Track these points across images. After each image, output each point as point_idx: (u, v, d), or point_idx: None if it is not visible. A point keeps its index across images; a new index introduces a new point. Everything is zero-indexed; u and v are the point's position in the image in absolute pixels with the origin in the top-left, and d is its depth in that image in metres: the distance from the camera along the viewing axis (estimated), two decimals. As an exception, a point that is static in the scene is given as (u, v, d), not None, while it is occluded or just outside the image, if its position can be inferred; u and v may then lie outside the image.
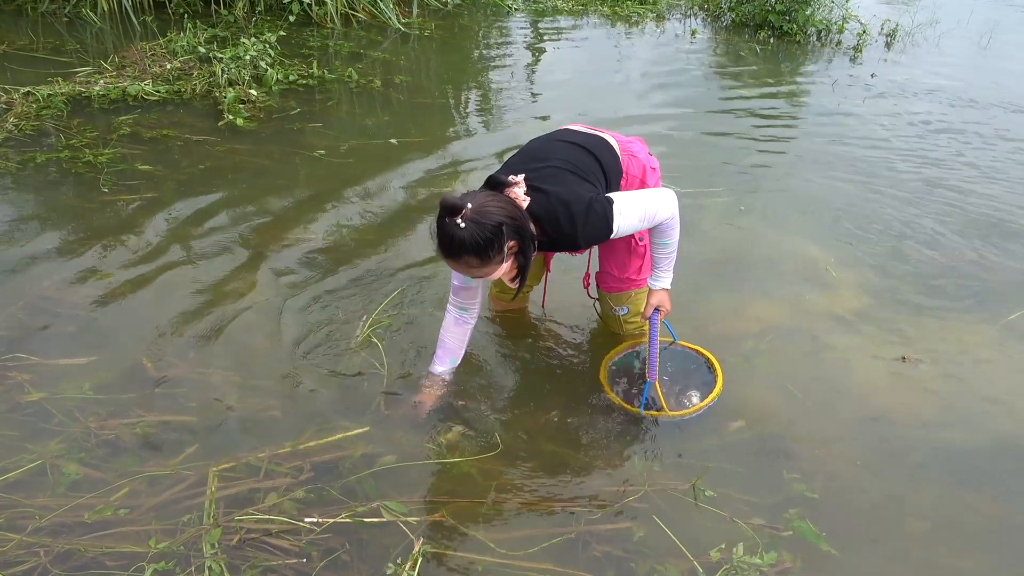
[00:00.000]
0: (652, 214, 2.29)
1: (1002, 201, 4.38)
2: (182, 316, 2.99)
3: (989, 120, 5.77)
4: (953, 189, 4.51)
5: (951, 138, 5.35)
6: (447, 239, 2.03)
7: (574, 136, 2.44)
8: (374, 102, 5.37)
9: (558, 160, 2.29)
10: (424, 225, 3.75)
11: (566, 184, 2.23)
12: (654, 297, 2.55)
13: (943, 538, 2.28)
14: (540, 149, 2.37)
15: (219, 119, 4.75)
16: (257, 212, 3.79)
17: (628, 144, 2.51)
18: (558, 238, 2.25)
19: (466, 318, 2.53)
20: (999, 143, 5.31)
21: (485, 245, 2.01)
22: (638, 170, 2.49)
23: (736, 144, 5.10)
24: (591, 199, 2.21)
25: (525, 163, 2.29)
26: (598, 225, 2.21)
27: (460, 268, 2.13)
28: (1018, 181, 4.67)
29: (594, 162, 2.35)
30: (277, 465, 2.37)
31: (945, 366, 2.97)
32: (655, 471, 2.39)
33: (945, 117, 5.80)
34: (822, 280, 3.49)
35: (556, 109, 5.49)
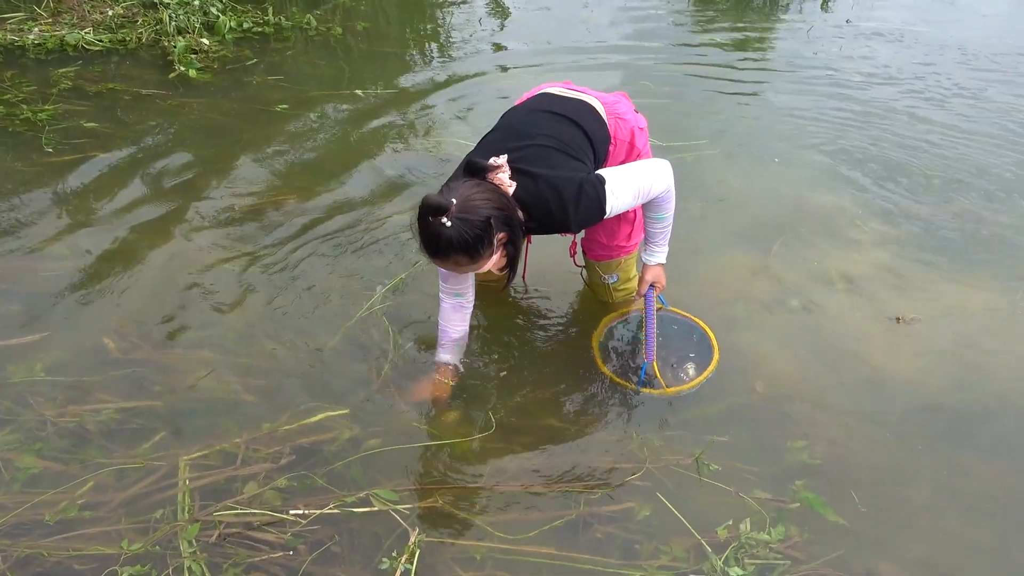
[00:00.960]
0: (647, 190, 2.14)
1: (976, 154, 4.32)
2: (144, 290, 2.78)
3: (963, 64, 5.69)
4: (932, 139, 4.43)
5: (929, 84, 5.26)
6: (433, 239, 1.86)
7: (556, 104, 2.24)
8: (334, 51, 5.07)
9: (542, 137, 2.10)
10: (401, 184, 3.56)
11: (554, 165, 2.05)
12: (649, 273, 2.42)
13: (947, 505, 2.24)
14: (522, 124, 2.17)
15: (169, 71, 4.43)
16: (219, 173, 3.54)
17: (614, 105, 2.32)
18: (548, 223, 2.09)
19: (462, 303, 2.36)
20: (979, 89, 5.23)
21: (474, 242, 1.85)
22: (626, 133, 2.32)
23: (711, 94, 4.93)
24: (582, 181, 2.04)
25: (507, 141, 2.09)
26: (590, 208, 2.05)
27: (448, 267, 1.98)
28: (990, 134, 4.61)
29: (580, 134, 2.17)
30: (255, 451, 2.22)
31: (939, 326, 2.92)
32: (656, 446, 2.29)
33: (919, 62, 5.70)
34: (811, 238, 3.40)
35: (522, 53, 5.25)
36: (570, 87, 2.34)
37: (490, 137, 2.17)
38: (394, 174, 3.66)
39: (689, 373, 2.52)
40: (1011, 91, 5.16)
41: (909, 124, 4.61)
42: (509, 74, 4.93)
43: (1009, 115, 4.78)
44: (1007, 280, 3.18)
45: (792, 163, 4.08)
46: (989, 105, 4.94)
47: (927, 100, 5.00)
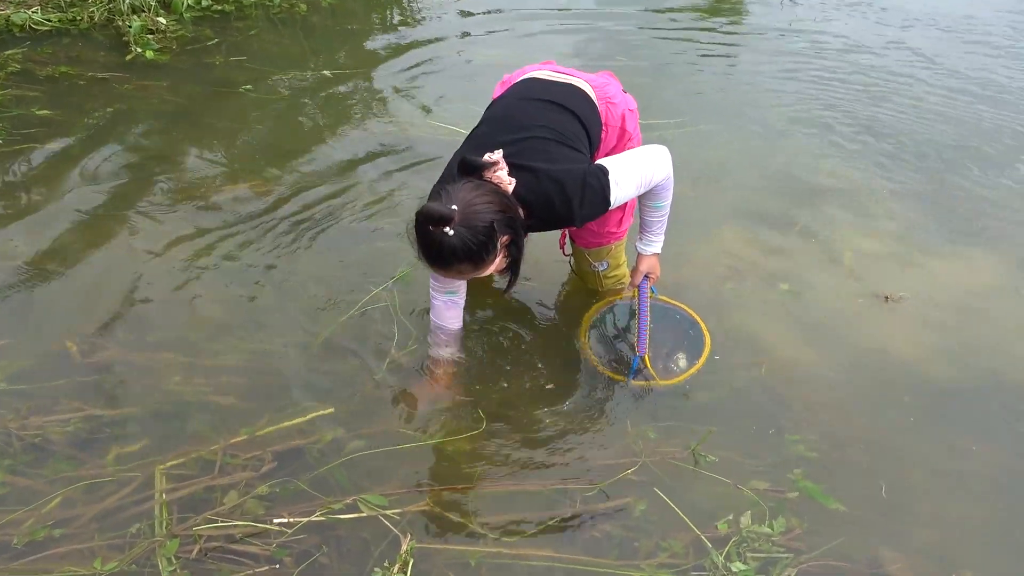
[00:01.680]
0: (649, 179, 2.05)
1: (959, 122, 4.30)
2: (108, 288, 2.63)
3: (937, 29, 5.66)
4: (910, 107, 4.40)
5: (905, 52, 5.22)
6: (434, 249, 1.75)
7: (545, 90, 2.12)
8: (300, 29, 4.87)
9: (537, 128, 1.99)
10: (375, 168, 3.43)
11: (553, 158, 1.95)
12: (644, 263, 2.34)
13: (946, 487, 2.22)
14: (512, 115, 2.05)
15: (125, 52, 4.22)
16: (184, 161, 3.38)
17: (604, 88, 2.22)
18: (550, 220, 1.99)
19: (455, 300, 2.25)
20: (957, 56, 5.20)
21: (479, 250, 1.75)
22: (617, 118, 2.22)
23: (687, 66, 4.84)
24: (585, 173, 1.94)
25: (499, 134, 1.97)
26: (595, 201, 1.95)
27: (451, 276, 1.89)
28: (969, 101, 4.60)
29: (574, 121, 2.06)
30: (233, 457, 2.12)
31: (928, 303, 2.89)
32: (651, 439, 2.23)
33: (896, 28, 5.66)
34: (797, 215, 3.35)
35: (491, 28, 5.10)
36: (555, 69, 2.23)
37: (480, 131, 2.06)
38: (366, 157, 3.52)
39: (680, 364, 2.46)
40: (991, 58, 5.14)
41: (889, 92, 4.58)
42: (480, 49, 4.79)
43: (984, 83, 4.77)
44: (998, 255, 3.17)
45: (774, 136, 4.02)
46: (968, 71, 4.92)
47: (904, 68, 4.97)
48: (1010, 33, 5.75)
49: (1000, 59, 5.22)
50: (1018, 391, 2.54)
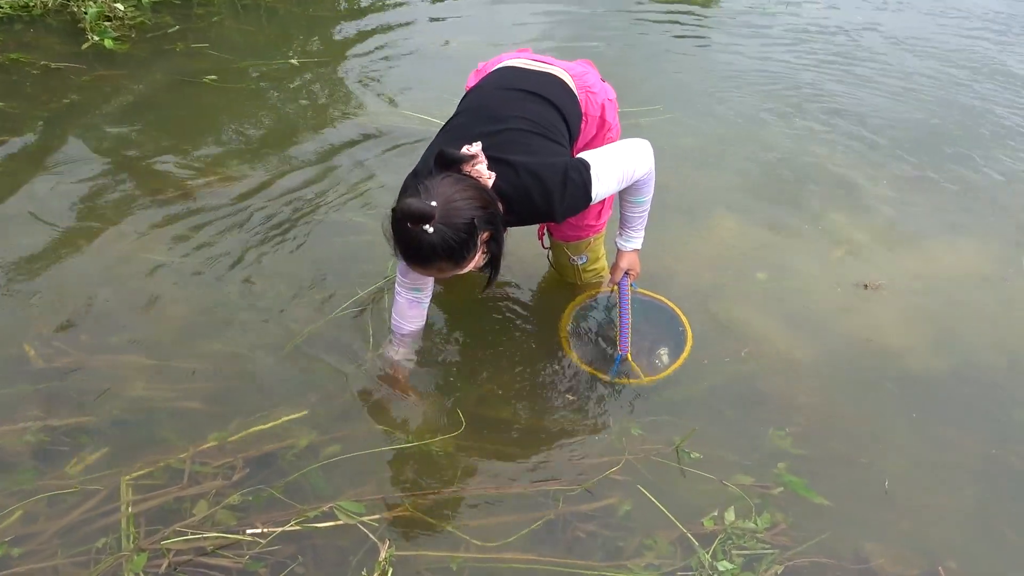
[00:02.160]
0: (631, 173, 1.99)
1: (941, 114, 4.31)
2: (66, 289, 2.52)
3: (923, 18, 5.67)
4: (886, 91, 4.40)
5: (877, 34, 5.22)
6: (414, 247, 1.68)
7: (523, 80, 2.05)
8: (264, 16, 4.73)
9: (516, 119, 1.92)
10: (344, 160, 3.34)
11: (533, 151, 1.88)
12: (624, 260, 2.28)
13: (926, 477, 2.21)
14: (490, 106, 1.98)
15: (81, 40, 4.06)
16: (145, 154, 3.25)
17: (583, 77, 2.15)
18: (530, 215, 1.93)
19: (420, 298, 2.19)
20: (943, 44, 5.21)
21: (460, 247, 1.68)
22: (596, 108, 2.16)
23: (660, 52, 4.79)
24: (566, 167, 1.87)
25: (476, 126, 1.90)
26: (576, 195, 1.89)
27: (430, 273, 1.84)
28: (936, 84, 4.61)
29: (554, 113, 2.00)
30: (203, 465, 2.04)
31: (907, 291, 2.88)
32: (634, 436, 2.19)
33: (872, 9, 5.65)
34: (776, 203, 3.32)
35: (462, 12, 5.02)
36: (531, 57, 2.16)
37: (457, 122, 1.98)
38: (336, 148, 3.43)
39: (663, 359, 2.42)
40: (971, 39, 5.16)
41: (865, 76, 4.57)
42: (451, 35, 4.69)
43: (964, 65, 4.78)
44: (978, 244, 3.18)
45: (751, 122, 3.99)
46: (949, 54, 4.94)
47: (881, 51, 4.97)
48: (988, 12, 5.77)
49: (981, 41, 5.24)
50: (996, 379, 2.54)
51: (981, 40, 5.30)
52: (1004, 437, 2.33)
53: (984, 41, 5.27)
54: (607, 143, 2.22)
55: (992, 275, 3.01)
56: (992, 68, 4.82)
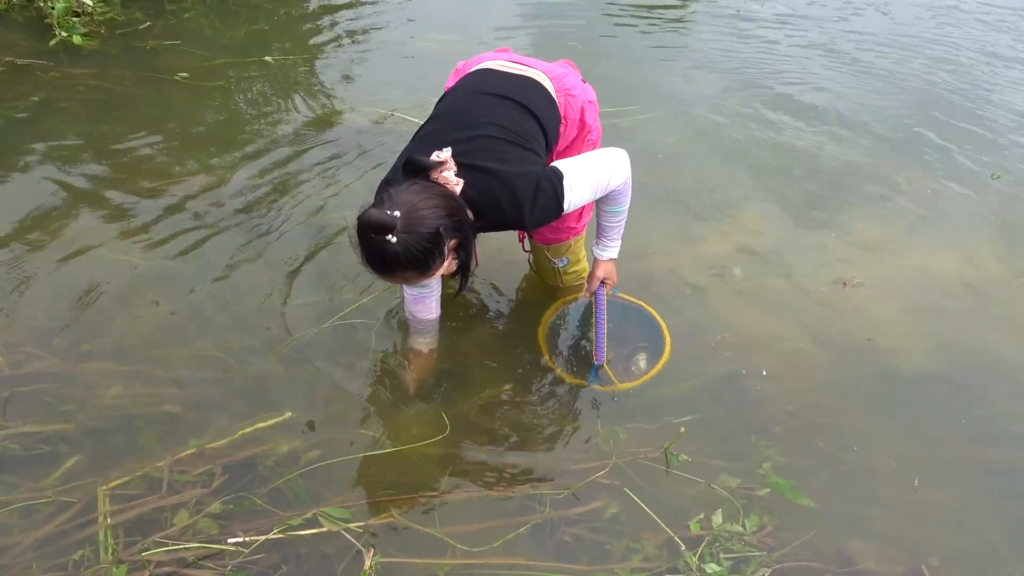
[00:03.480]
0: (605, 183, 1.97)
1: (918, 113, 4.37)
2: (37, 294, 2.45)
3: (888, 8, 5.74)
4: (861, 88, 4.44)
5: (853, 30, 5.27)
6: (377, 257, 1.67)
7: (500, 84, 2.02)
8: (238, 13, 4.64)
9: (489, 126, 1.89)
10: (320, 159, 3.29)
11: (504, 158, 1.85)
12: (600, 269, 2.26)
13: (908, 474, 2.23)
14: (464, 112, 1.95)
15: (49, 36, 3.95)
16: (115, 154, 3.18)
17: (562, 79, 2.13)
18: (500, 223, 1.91)
19: (425, 293, 2.18)
20: (921, 44, 5.27)
21: (424, 256, 1.66)
22: (576, 111, 2.14)
23: (638, 52, 4.80)
24: (538, 177, 1.85)
25: (449, 132, 1.88)
26: (547, 206, 1.86)
27: (396, 282, 1.85)
28: (915, 79, 4.67)
29: (530, 119, 1.97)
30: (182, 473, 1.99)
31: (885, 289, 2.91)
32: (620, 440, 2.18)
33: (843, 20, 5.71)
34: (755, 201, 3.34)
35: (439, 11, 4.98)
36: (510, 57, 2.13)
37: (430, 128, 1.95)
38: (312, 148, 3.38)
39: (641, 365, 2.42)
40: (952, 39, 5.22)
41: (842, 74, 4.61)
42: (427, 34, 4.64)
43: (945, 64, 4.84)
44: (956, 244, 3.22)
45: (729, 121, 4.01)
46: (920, 54, 5.00)
47: (856, 50, 5.02)
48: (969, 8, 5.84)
49: (963, 39, 5.30)
50: (974, 376, 2.58)
51: (963, 40, 5.37)
52: (985, 435, 2.37)
53: (967, 44, 5.35)
54: (587, 145, 2.21)
55: (973, 276, 3.05)
56: (980, 68, 4.90)
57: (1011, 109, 4.37)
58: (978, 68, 4.87)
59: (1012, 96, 4.59)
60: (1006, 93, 4.60)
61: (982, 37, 5.31)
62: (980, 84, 4.67)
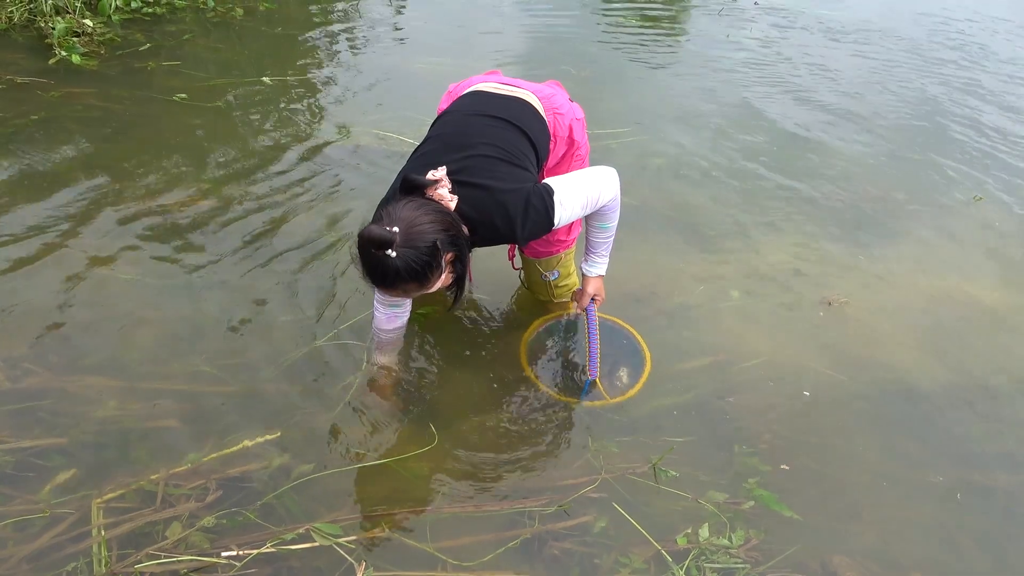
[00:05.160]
0: (595, 199, 2.03)
1: (904, 138, 4.46)
2: (34, 309, 2.48)
3: (866, 44, 5.86)
4: (844, 119, 4.54)
5: (832, 62, 5.39)
6: (378, 272, 1.73)
7: (491, 105, 2.09)
8: (236, 34, 4.73)
9: (482, 146, 1.96)
10: (316, 178, 3.34)
11: (498, 175, 1.92)
12: (590, 285, 2.32)
13: (888, 489, 2.27)
14: (457, 133, 2.02)
15: (48, 56, 4.02)
16: (113, 172, 3.22)
17: (551, 99, 2.20)
18: (493, 237, 1.97)
19: (398, 313, 2.22)
20: (903, 72, 5.39)
21: (423, 269, 1.73)
22: (564, 129, 2.21)
23: (630, 77, 4.90)
24: (529, 193, 1.92)
25: (443, 153, 1.94)
26: (538, 221, 1.93)
27: (396, 295, 1.89)
28: (896, 112, 4.77)
29: (522, 138, 2.04)
30: (176, 487, 2.01)
31: (866, 307, 2.97)
32: (609, 454, 2.21)
33: (824, 42, 5.83)
34: (741, 223, 3.41)
35: (432, 36, 5.07)
36: (500, 80, 2.20)
37: (425, 149, 2.02)
38: (308, 168, 3.44)
39: (623, 379, 2.46)
40: (937, 73, 5.35)
41: (825, 98, 4.71)
42: (420, 56, 4.75)
43: (928, 97, 4.94)
44: (938, 264, 3.28)
45: (717, 143, 4.09)
46: (911, 79, 5.11)
47: (839, 75, 5.12)
48: (951, 42, 5.99)
49: (947, 75, 5.43)
50: (956, 394, 2.63)
51: (943, 68, 5.49)
52: (967, 454, 2.41)
53: (946, 65, 5.46)
54: (576, 160, 2.29)
55: (955, 295, 3.11)
56: (961, 89, 5.00)
57: (998, 132, 4.47)
58: (968, 97, 4.98)
59: (999, 120, 4.69)
60: (994, 118, 4.70)
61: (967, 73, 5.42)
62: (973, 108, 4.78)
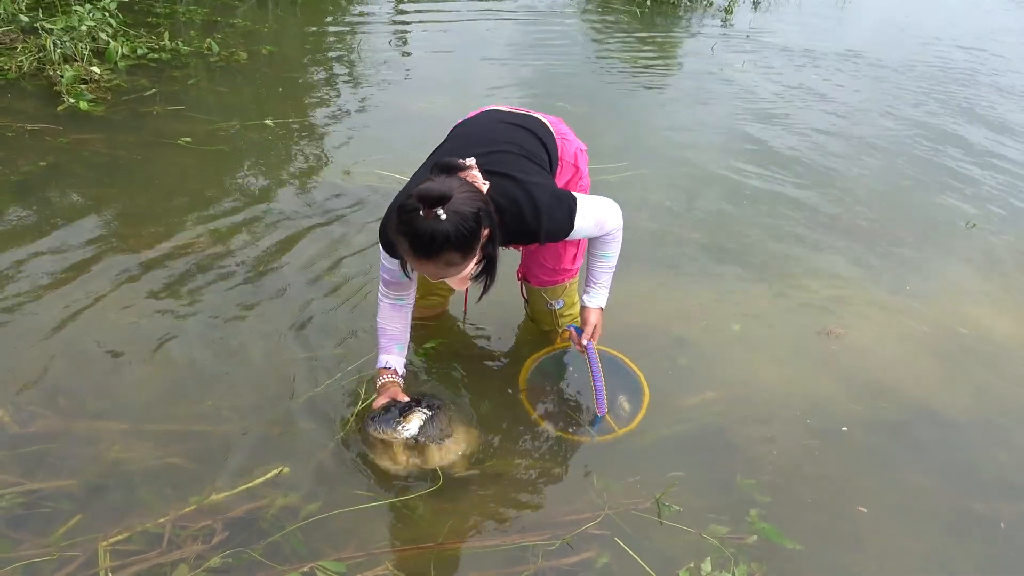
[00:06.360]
0: (604, 221, 2.10)
1: (894, 169, 4.52)
2: (42, 353, 2.52)
3: (857, 76, 5.97)
4: (837, 147, 4.61)
5: (824, 93, 5.48)
6: (426, 236, 1.68)
7: (509, 116, 2.18)
8: (239, 78, 4.83)
9: (506, 144, 2.02)
10: (319, 220, 3.39)
11: (525, 171, 1.97)
12: (592, 316, 2.33)
13: (890, 520, 2.27)
14: (481, 132, 2.09)
15: (57, 103, 4.11)
16: (120, 217, 3.28)
17: (557, 125, 2.28)
18: (517, 230, 1.97)
19: (403, 304, 2.24)
20: (894, 105, 5.50)
21: (470, 236, 1.71)
22: (571, 155, 2.28)
23: (625, 113, 4.99)
24: (555, 191, 1.98)
25: (469, 148, 1.97)
26: (561, 221, 1.99)
27: (435, 269, 1.77)
28: (883, 139, 4.85)
29: (539, 145, 2.12)
30: (182, 529, 2.03)
31: (866, 339, 3.00)
32: (613, 490, 2.23)
33: (815, 74, 5.94)
34: (738, 256, 3.45)
35: (433, 76, 5.18)
36: (509, 106, 2.29)
37: (447, 146, 2.08)
38: (311, 209, 3.49)
39: (625, 408, 2.49)
40: (922, 105, 5.44)
41: (817, 132, 4.78)
42: (421, 96, 4.84)
43: (920, 126, 5.03)
44: (934, 294, 3.32)
45: (712, 177, 4.15)
46: (894, 112, 5.19)
47: (826, 109, 5.21)
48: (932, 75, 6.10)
49: (937, 103, 5.53)
50: (951, 425, 2.65)
51: (935, 94, 5.58)
52: (968, 483, 2.42)
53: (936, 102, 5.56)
54: (579, 190, 2.34)
55: (953, 324, 3.14)
56: (954, 114, 5.08)
57: (991, 157, 4.55)
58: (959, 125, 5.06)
59: (990, 145, 4.76)
60: (986, 142, 4.78)
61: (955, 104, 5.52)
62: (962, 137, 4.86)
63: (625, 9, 7.39)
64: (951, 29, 7.80)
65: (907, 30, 7.62)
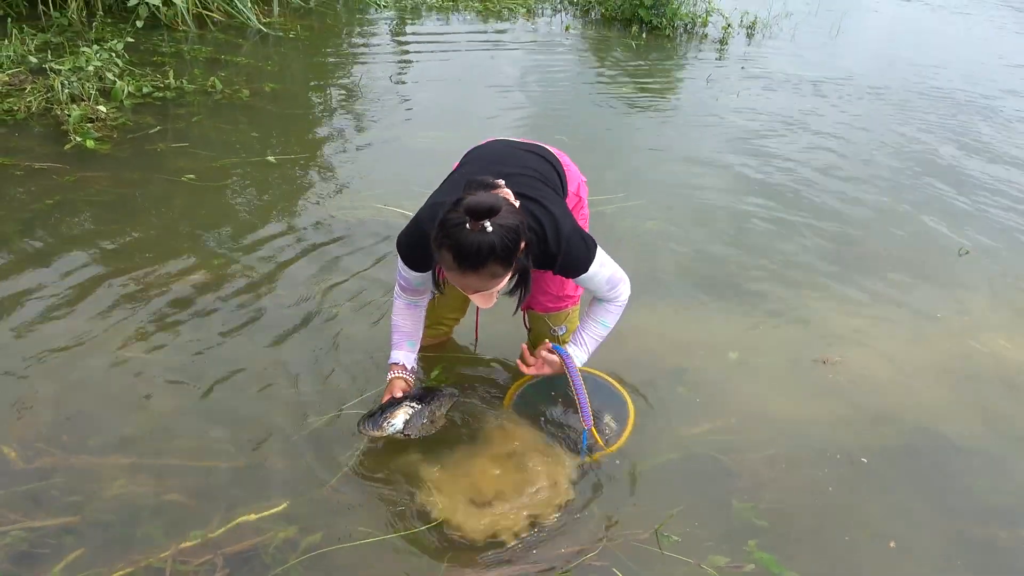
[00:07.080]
0: (616, 283, 2.16)
1: (875, 193, 4.58)
2: (46, 389, 2.55)
3: (854, 105, 6.05)
4: (834, 181, 4.67)
5: (819, 125, 5.56)
6: (473, 248, 1.71)
7: (520, 144, 2.24)
8: (242, 115, 4.92)
9: (524, 168, 2.06)
10: (323, 255, 3.44)
11: (546, 196, 2.01)
12: (558, 358, 2.34)
13: (887, 548, 2.28)
14: (497, 157, 2.13)
15: (64, 142, 4.18)
16: (125, 253, 3.33)
17: (561, 155, 2.34)
18: (538, 251, 1.99)
19: (418, 304, 2.30)
20: (878, 135, 5.57)
21: (513, 248, 1.76)
22: (575, 185, 2.34)
23: (620, 144, 5.06)
24: (578, 227, 2.03)
25: (487, 171, 1.99)
26: (579, 257, 2.03)
27: (478, 281, 1.79)
28: (881, 170, 4.90)
29: (553, 171, 2.17)
30: (183, 563, 2.05)
31: (862, 366, 3.02)
32: (612, 522, 2.24)
33: (808, 103, 6.02)
34: (729, 292, 3.49)
35: (433, 110, 5.27)
36: (521, 139, 2.34)
37: (466, 169, 2.11)
38: (315, 244, 3.54)
39: (611, 425, 2.51)
40: (920, 131, 5.51)
41: (813, 163, 4.85)
42: (422, 132, 4.91)
43: (916, 152, 5.08)
44: (929, 322, 3.35)
45: (708, 208, 4.20)
46: (894, 145, 5.26)
47: (819, 139, 5.28)
48: (925, 102, 6.19)
49: (929, 130, 5.60)
50: (949, 451, 2.66)
51: (927, 120, 5.65)
52: (963, 510, 2.43)
53: (934, 133, 5.63)
54: (580, 220, 2.38)
55: (946, 352, 3.16)
56: (948, 140, 5.15)
57: (983, 186, 4.60)
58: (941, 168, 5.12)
59: (983, 173, 4.82)
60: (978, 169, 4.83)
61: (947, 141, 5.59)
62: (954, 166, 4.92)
63: (621, 40, 7.52)
64: (943, 55, 7.93)
65: (898, 59, 7.74)
